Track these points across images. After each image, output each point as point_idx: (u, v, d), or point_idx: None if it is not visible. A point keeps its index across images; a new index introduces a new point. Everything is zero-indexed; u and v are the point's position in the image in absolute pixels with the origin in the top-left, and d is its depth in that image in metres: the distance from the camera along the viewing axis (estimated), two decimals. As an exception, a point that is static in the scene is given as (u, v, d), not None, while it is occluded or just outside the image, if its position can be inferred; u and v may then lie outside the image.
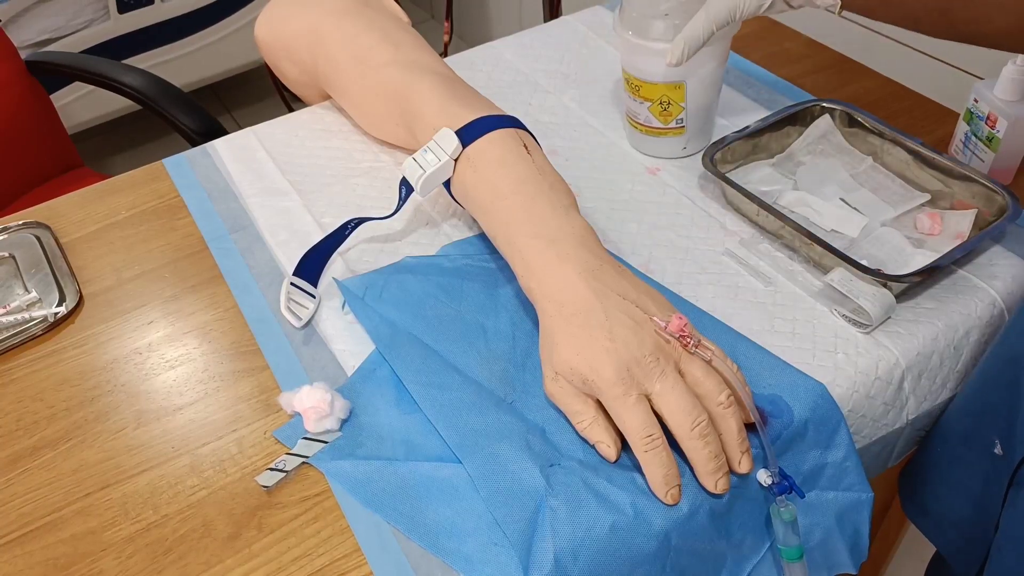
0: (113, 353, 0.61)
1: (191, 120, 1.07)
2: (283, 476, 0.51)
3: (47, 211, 0.74)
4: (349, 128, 0.80)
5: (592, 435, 0.50)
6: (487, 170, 0.59)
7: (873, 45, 1.07)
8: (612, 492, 0.48)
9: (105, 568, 0.48)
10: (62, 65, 1.23)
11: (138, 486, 0.52)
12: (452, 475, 0.50)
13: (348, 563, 0.47)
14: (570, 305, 0.51)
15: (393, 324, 0.58)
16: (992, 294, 0.59)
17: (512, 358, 0.56)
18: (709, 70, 0.68)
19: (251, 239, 0.68)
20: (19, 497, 0.52)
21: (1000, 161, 0.67)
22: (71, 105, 1.82)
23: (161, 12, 1.86)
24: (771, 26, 0.92)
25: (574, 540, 0.46)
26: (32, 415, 0.57)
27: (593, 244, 0.55)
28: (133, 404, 0.57)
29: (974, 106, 0.67)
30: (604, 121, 0.79)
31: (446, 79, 0.68)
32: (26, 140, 1.22)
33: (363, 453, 0.52)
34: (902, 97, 0.80)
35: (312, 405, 0.52)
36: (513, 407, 0.53)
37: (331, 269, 0.65)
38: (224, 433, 0.54)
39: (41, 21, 1.72)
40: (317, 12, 0.76)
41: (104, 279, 0.67)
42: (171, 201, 0.74)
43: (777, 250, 0.63)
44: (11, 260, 0.69)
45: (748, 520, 0.51)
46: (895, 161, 0.68)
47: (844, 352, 0.56)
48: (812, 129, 0.72)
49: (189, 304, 0.64)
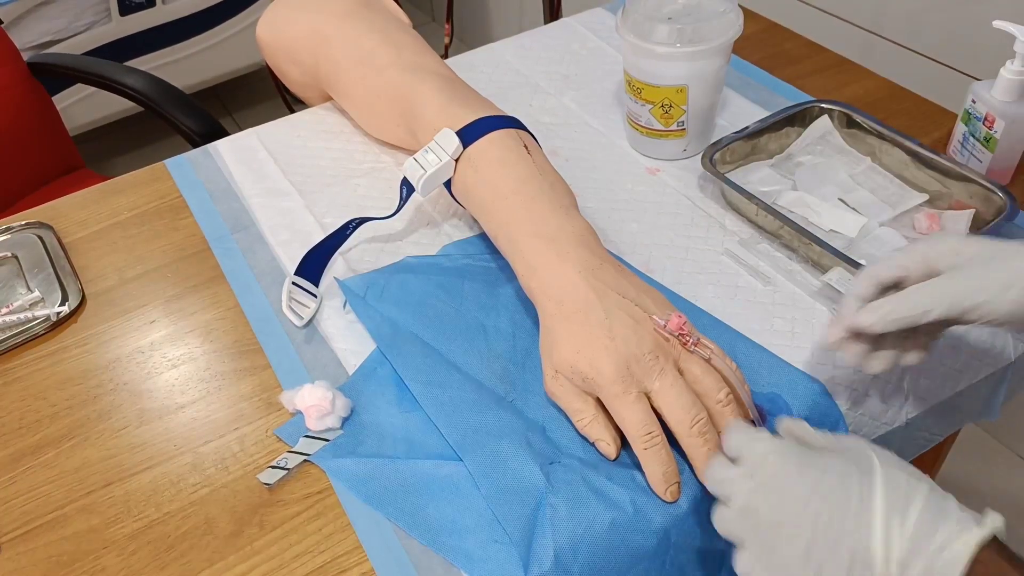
0: (115, 352, 0.61)
1: (193, 121, 1.07)
2: (285, 474, 0.51)
3: (50, 211, 0.75)
4: (350, 129, 0.80)
5: (592, 433, 0.50)
6: (488, 170, 0.60)
7: (872, 47, 1.08)
8: (612, 489, 0.48)
9: (108, 565, 0.48)
10: (64, 67, 1.24)
11: (140, 484, 0.52)
12: (453, 473, 0.50)
13: (349, 560, 0.47)
14: (570, 303, 0.52)
15: (394, 323, 0.59)
16: (990, 293, 0.59)
17: (512, 357, 0.57)
18: (712, 72, 0.68)
19: (253, 239, 0.69)
20: (22, 495, 0.52)
21: (998, 161, 0.67)
22: (73, 107, 1.82)
23: (162, 14, 1.86)
24: (770, 28, 0.93)
25: (574, 537, 0.46)
26: (35, 413, 0.57)
27: (593, 243, 0.56)
28: (135, 403, 0.57)
29: (972, 107, 0.68)
30: (604, 122, 0.79)
31: (447, 80, 0.68)
32: (28, 142, 1.22)
33: (364, 451, 0.52)
34: (900, 98, 0.80)
35: (313, 403, 0.53)
36: (513, 405, 0.54)
37: (332, 269, 0.65)
38: (226, 431, 0.55)
39: (43, 23, 1.73)
40: (319, 14, 0.76)
41: (106, 279, 0.67)
42: (173, 201, 0.74)
43: (776, 250, 0.64)
44: (14, 260, 0.69)
45: None
46: (893, 162, 0.69)
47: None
48: (811, 130, 0.72)
49: (191, 303, 0.64)
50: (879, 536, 0.36)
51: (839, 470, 0.39)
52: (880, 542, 0.36)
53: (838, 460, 0.40)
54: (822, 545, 0.38)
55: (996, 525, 0.35)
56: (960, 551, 0.34)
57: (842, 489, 0.38)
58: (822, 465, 0.40)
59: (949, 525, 0.35)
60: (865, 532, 0.36)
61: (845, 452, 0.41)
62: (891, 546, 0.36)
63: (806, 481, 0.39)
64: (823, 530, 0.38)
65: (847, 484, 0.38)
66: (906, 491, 0.37)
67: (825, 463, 0.40)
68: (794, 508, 0.39)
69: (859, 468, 0.39)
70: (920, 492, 0.37)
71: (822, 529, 0.38)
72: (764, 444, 0.42)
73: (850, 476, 0.38)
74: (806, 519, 0.38)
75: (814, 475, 0.39)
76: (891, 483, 0.37)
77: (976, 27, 0.96)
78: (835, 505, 0.38)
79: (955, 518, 0.36)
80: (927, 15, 1.01)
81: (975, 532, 0.35)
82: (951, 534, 0.35)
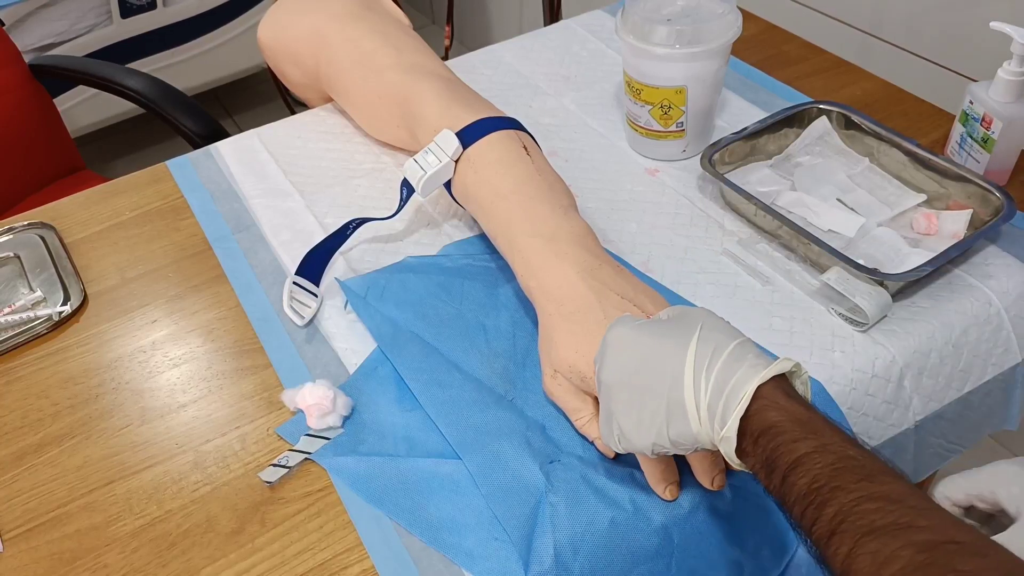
0: (117, 351, 0.61)
1: (194, 123, 1.07)
2: (286, 472, 0.51)
3: (52, 212, 0.75)
4: (351, 130, 0.80)
5: (591, 432, 0.51)
6: (487, 171, 0.60)
7: (870, 48, 1.08)
8: (611, 488, 0.48)
9: (110, 562, 0.48)
10: (66, 69, 1.24)
11: (142, 482, 0.52)
12: (453, 471, 0.50)
13: (350, 557, 0.48)
14: (569, 303, 0.52)
15: (394, 323, 0.59)
16: (988, 293, 0.60)
17: (512, 356, 0.57)
18: (711, 73, 0.69)
19: (254, 239, 0.69)
20: (24, 493, 0.52)
21: (995, 162, 0.67)
22: (74, 109, 1.83)
23: (163, 17, 1.87)
24: (769, 29, 0.93)
25: (574, 535, 0.46)
26: (37, 412, 0.57)
27: (592, 244, 0.56)
28: (137, 401, 0.57)
29: (969, 108, 0.68)
30: (604, 123, 0.79)
31: (447, 82, 0.68)
32: (29, 143, 1.22)
33: (365, 449, 0.52)
34: (899, 99, 0.81)
35: (315, 402, 0.53)
36: (513, 404, 0.54)
37: (333, 269, 0.65)
38: (227, 430, 0.55)
39: (44, 26, 1.73)
40: (320, 16, 0.76)
41: (108, 279, 0.68)
42: (175, 202, 0.75)
43: (775, 250, 0.64)
44: (16, 260, 0.69)
45: (763, 529, 0.51)
46: (892, 162, 0.69)
47: (841, 350, 0.56)
48: (809, 131, 0.72)
49: (192, 303, 0.65)
50: (689, 386, 0.41)
51: (667, 335, 0.44)
52: (690, 391, 0.41)
53: (670, 327, 0.44)
54: (645, 399, 0.42)
55: (783, 366, 0.40)
56: (745, 389, 0.39)
57: (662, 350, 0.43)
58: (655, 332, 0.44)
59: (743, 370, 0.40)
60: (678, 384, 0.41)
61: (679, 319, 0.45)
62: (699, 394, 0.41)
63: (637, 348, 0.44)
64: (643, 387, 0.43)
65: (665, 346, 0.43)
66: (715, 346, 0.41)
67: (659, 330, 0.44)
68: (622, 372, 0.44)
69: (684, 331, 0.43)
70: (726, 346, 0.41)
71: (641, 386, 0.43)
72: (616, 326, 0.46)
73: (672, 338, 0.43)
74: (633, 379, 0.43)
75: (644, 342, 0.44)
76: (704, 340, 0.42)
77: (974, 29, 0.97)
78: (654, 365, 0.43)
79: (749, 363, 0.40)
80: (925, 17, 1.01)
81: (761, 373, 0.39)
82: (743, 377, 0.40)
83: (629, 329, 0.45)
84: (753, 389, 0.39)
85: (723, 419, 0.39)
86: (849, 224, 0.65)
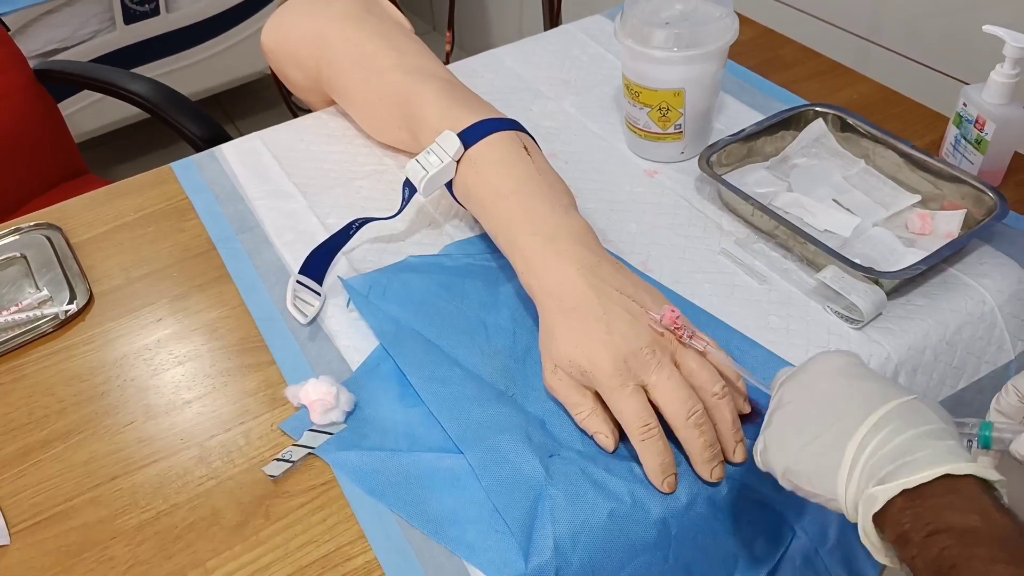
0: (122, 349, 0.62)
1: (197, 127, 1.08)
2: (290, 466, 0.52)
3: (58, 213, 0.76)
4: (353, 132, 0.81)
5: (590, 426, 0.51)
6: (488, 171, 0.61)
7: (866, 52, 1.09)
8: (610, 481, 0.49)
9: (116, 555, 0.49)
10: (70, 74, 1.25)
11: (147, 476, 0.53)
12: (454, 465, 0.51)
13: (353, 549, 0.48)
14: (569, 300, 0.53)
15: (396, 321, 0.60)
16: (981, 291, 0.60)
17: (513, 353, 0.58)
18: (708, 76, 0.70)
19: (258, 240, 0.70)
20: (31, 487, 0.53)
21: (988, 163, 0.68)
22: (78, 114, 1.84)
23: (166, 23, 1.88)
24: (766, 33, 0.94)
25: (573, 527, 0.47)
26: (43, 409, 0.58)
27: (591, 242, 0.57)
28: (142, 398, 0.58)
29: (963, 110, 0.69)
30: (603, 126, 0.80)
31: (448, 84, 0.69)
32: (34, 148, 1.23)
33: (367, 444, 0.53)
34: (894, 102, 0.82)
35: (318, 398, 0.54)
36: (514, 400, 0.55)
37: (336, 268, 0.66)
38: (232, 425, 0.56)
39: (48, 31, 1.74)
40: (322, 19, 0.78)
41: (113, 278, 0.68)
42: (179, 203, 0.75)
43: (772, 249, 0.65)
44: (23, 260, 0.70)
45: (758, 519, 0.51)
46: (887, 164, 0.70)
47: (837, 347, 0.57)
48: (806, 133, 0.73)
49: (197, 302, 0.65)
50: (868, 425, 0.37)
51: (874, 383, 0.40)
52: (862, 434, 0.37)
53: (883, 382, 0.41)
54: (816, 422, 0.40)
55: (989, 475, 0.35)
56: (935, 469, 0.34)
57: (859, 392, 0.40)
58: (866, 376, 0.41)
59: (937, 446, 0.35)
60: (855, 421, 0.38)
61: (897, 386, 0.42)
62: (859, 458, 0.37)
63: (837, 381, 0.41)
64: (821, 410, 0.40)
65: (867, 389, 0.39)
66: (911, 420, 0.37)
67: (872, 377, 0.41)
68: (807, 393, 0.42)
69: (894, 390, 0.40)
70: (920, 429, 0.37)
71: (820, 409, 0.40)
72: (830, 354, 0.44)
73: (880, 389, 0.40)
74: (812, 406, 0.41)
75: (847, 381, 0.41)
76: (910, 408, 0.38)
77: (969, 33, 0.98)
78: (843, 399, 0.40)
79: (918, 464, 0.35)
80: (921, 22, 1.02)
81: (960, 465, 0.35)
82: (936, 453, 0.35)
83: (844, 363, 0.43)
84: (944, 471, 0.34)
85: (884, 480, 0.35)
86: (845, 224, 0.65)
